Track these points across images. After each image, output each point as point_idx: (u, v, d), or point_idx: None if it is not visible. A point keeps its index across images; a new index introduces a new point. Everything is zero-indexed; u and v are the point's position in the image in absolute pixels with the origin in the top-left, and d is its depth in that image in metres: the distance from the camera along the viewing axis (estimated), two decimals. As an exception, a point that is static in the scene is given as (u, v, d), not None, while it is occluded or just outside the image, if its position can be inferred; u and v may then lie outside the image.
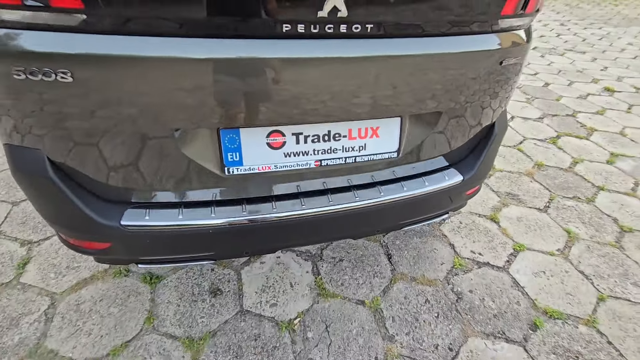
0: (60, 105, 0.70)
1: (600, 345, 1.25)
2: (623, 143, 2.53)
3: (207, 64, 0.69)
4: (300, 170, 0.91)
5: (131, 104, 0.71)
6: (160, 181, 0.83)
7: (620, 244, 1.68)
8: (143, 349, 1.16)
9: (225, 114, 0.76)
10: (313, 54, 0.73)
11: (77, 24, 0.63)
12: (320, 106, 0.80)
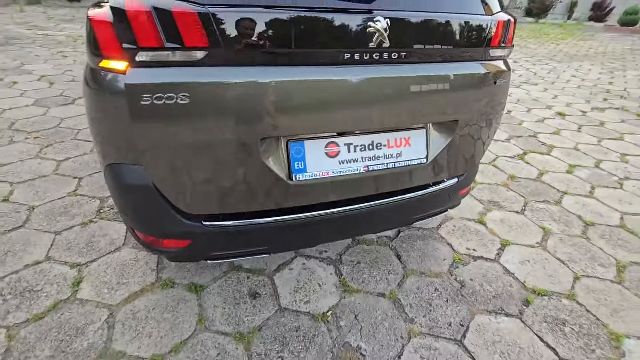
0: (171, 123, 0.93)
1: (580, 313, 1.52)
2: (577, 156, 2.98)
3: (290, 85, 0.96)
4: (352, 175, 1.14)
5: (231, 116, 0.94)
6: (239, 186, 1.06)
7: (586, 235, 2.01)
8: (200, 345, 1.32)
9: (295, 127, 1.02)
10: (363, 76, 1.03)
11: (200, 58, 0.89)
12: (366, 119, 1.08)
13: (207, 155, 0.99)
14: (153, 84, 0.88)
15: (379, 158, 1.18)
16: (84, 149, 2.64)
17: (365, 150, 1.15)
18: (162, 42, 0.84)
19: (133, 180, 1.03)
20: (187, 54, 0.88)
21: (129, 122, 0.92)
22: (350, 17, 0.96)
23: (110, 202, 2.07)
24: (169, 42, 0.85)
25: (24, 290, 1.48)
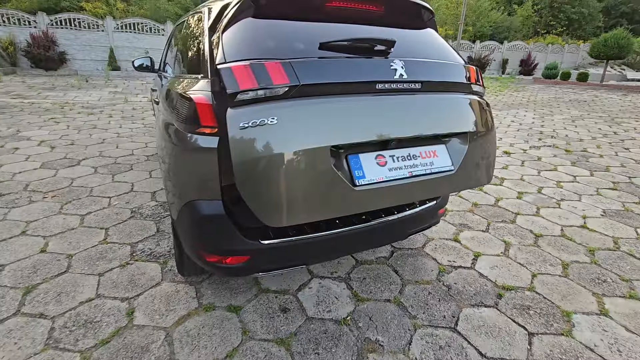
0: (259, 145, 1.17)
1: (539, 300, 1.96)
2: (524, 185, 3.64)
3: (346, 107, 1.30)
4: (400, 180, 1.39)
5: (310, 131, 1.22)
6: (317, 194, 1.25)
7: (537, 244, 2.53)
8: (249, 350, 1.60)
9: (352, 139, 1.30)
10: (393, 101, 1.38)
11: (284, 92, 1.22)
12: (400, 133, 1.41)
13: (292, 171, 1.20)
14: (252, 110, 1.20)
15: (417, 166, 1.45)
16: (102, 204, 2.90)
17: (405, 160, 1.43)
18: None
19: (210, 211, 1.40)
20: (273, 90, 1.21)
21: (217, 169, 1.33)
22: (378, 61, 1.41)
23: (140, 246, 2.34)
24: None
25: (85, 322, 1.70)
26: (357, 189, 1.30)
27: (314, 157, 1.21)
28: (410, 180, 1.43)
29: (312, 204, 1.26)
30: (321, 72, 1.29)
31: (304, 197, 1.24)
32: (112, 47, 12.41)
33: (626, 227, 2.80)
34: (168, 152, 1.58)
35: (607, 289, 2.07)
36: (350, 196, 1.29)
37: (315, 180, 1.23)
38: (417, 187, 1.45)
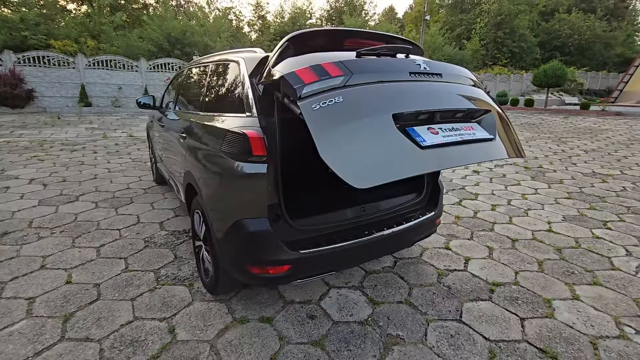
0: (333, 117, 1.33)
1: (524, 292, 2.32)
2: (495, 199, 4.13)
3: (396, 89, 1.52)
4: (454, 142, 1.54)
5: (371, 105, 1.42)
6: (392, 153, 1.38)
7: (514, 247, 2.94)
8: (289, 352, 1.79)
9: (407, 112, 1.49)
10: (427, 85, 1.64)
11: (340, 82, 1.48)
12: (440, 108, 1.61)
13: (366, 135, 1.36)
14: None
15: (464, 135, 1.62)
16: (113, 236, 2.99)
17: (452, 131, 1.60)
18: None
19: (258, 227, 1.64)
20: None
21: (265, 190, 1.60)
22: (405, 59, 1.75)
23: (163, 272, 2.47)
24: None
25: (131, 342, 1.82)
26: (424, 149, 1.43)
27: (381, 123, 1.38)
28: (463, 144, 1.58)
29: (389, 163, 1.37)
30: (365, 66, 1.55)
31: (382, 157, 1.36)
32: (84, 84, 12.31)
33: (583, 229, 3.30)
34: (213, 178, 1.82)
35: (576, 279, 2.47)
36: (420, 155, 1.41)
37: (386, 142, 1.37)
38: (472, 149, 1.60)
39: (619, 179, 4.98)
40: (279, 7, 35.51)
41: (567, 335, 1.92)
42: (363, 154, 1.34)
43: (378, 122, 1.39)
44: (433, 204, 2.35)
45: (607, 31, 32.10)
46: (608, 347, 1.85)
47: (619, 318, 2.07)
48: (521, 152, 1.84)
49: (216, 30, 17.29)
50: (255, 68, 1.82)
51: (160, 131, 3.43)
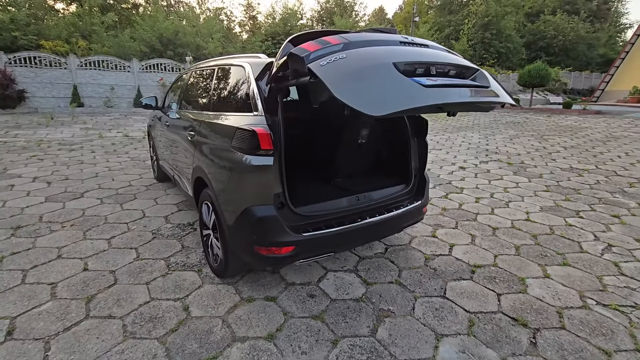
0: (341, 69, 1.46)
1: (501, 272, 2.59)
2: (479, 192, 4.42)
3: (392, 49, 1.72)
4: (454, 84, 1.65)
5: (373, 58, 1.56)
6: (400, 90, 1.48)
7: (495, 235, 3.21)
8: (293, 325, 2.01)
9: (406, 62, 1.57)
10: (417, 49, 1.78)
11: (340, 48, 1.62)
12: (431, 61, 1.68)
13: (374, 79, 1.46)
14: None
15: (462, 82, 1.76)
16: (122, 229, 3.17)
17: (450, 80, 1.73)
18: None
19: (266, 213, 1.87)
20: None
21: (271, 180, 1.82)
22: (395, 35, 1.92)
23: (172, 260, 2.66)
24: None
25: (150, 318, 2.02)
26: (427, 88, 1.54)
27: (384, 68, 1.50)
28: (463, 87, 1.70)
29: (399, 96, 1.47)
30: (362, 36, 1.75)
31: (391, 92, 1.47)
32: (76, 85, 12.29)
33: (558, 218, 3.60)
34: (224, 171, 2.03)
35: (548, 261, 2.75)
36: (425, 91, 1.51)
37: (392, 82, 1.48)
38: (471, 92, 1.71)
39: (594, 173, 5.33)
40: (270, 7, 35.63)
41: (537, 307, 2.19)
42: (374, 90, 1.44)
43: (381, 68, 1.50)
44: (420, 194, 2.60)
45: (590, 32, 33.05)
46: (571, 315, 2.12)
47: (583, 292, 2.34)
48: (512, 99, 1.93)
49: (208, 31, 17.37)
50: (261, 72, 2.04)
51: (164, 130, 3.62)
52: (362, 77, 1.45)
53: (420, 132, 2.60)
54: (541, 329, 2.00)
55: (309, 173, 2.72)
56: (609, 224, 3.42)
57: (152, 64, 13.96)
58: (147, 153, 6.47)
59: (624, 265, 2.66)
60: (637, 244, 3.00)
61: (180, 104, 3.32)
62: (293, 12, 24.25)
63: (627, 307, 2.18)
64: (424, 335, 1.94)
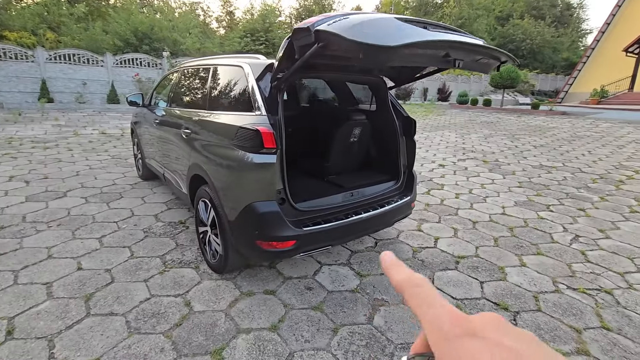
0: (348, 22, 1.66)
1: (483, 262, 2.79)
2: (458, 188, 4.66)
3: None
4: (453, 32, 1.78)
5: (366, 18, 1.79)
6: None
7: (475, 228, 3.43)
8: (294, 315, 2.11)
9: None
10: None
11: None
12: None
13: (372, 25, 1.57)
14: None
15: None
16: (112, 228, 3.13)
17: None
18: None
19: (268, 209, 1.94)
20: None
21: (274, 177, 1.90)
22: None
23: (168, 257, 2.68)
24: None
25: (153, 314, 2.05)
26: (430, 30, 1.65)
27: (388, 18, 1.59)
28: (462, 36, 1.79)
29: (407, 33, 1.52)
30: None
31: (398, 30, 1.52)
32: (45, 79, 11.70)
33: (531, 212, 3.88)
34: (226, 169, 2.09)
35: (524, 251, 2.98)
36: (429, 33, 1.60)
37: (398, 27, 1.54)
38: (470, 38, 1.78)
39: (561, 170, 5.72)
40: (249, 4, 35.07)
41: (516, 293, 2.39)
42: (382, 31, 1.47)
43: (385, 18, 1.57)
44: (409, 190, 2.75)
45: (555, 37, 34.88)
46: (546, 299, 2.33)
47: (555, 278, 2.58)
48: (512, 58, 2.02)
49: (185, 26, 16.96)
50: (262, 72, 2.11)
51: (153, 128, 3.58)
52: (369, 25, 1.48)
53: (408, 131, 2.75)
54: (520, 311, 2.20)
55: (303, 170, 2.81)
56: (575, 217, 3.73)
57: (127, 58, 13.49)
58: (128, 151, 6.32)
59: (590, 254, 2.94)
60: (601, 234, 3.30)
61: (171, 102, 3.31)
62: (272, 9, 24.08)
63: (593, 290, 2.43)
64: (416, 321, 2.09)
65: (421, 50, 1.58)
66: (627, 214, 3.82)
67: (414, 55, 1.61)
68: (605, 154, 6.93)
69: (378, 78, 2.70)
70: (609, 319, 2.13)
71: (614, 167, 5.93)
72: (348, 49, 1.45)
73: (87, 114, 10.87)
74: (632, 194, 4.48)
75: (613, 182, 5.04)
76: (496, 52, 1.84)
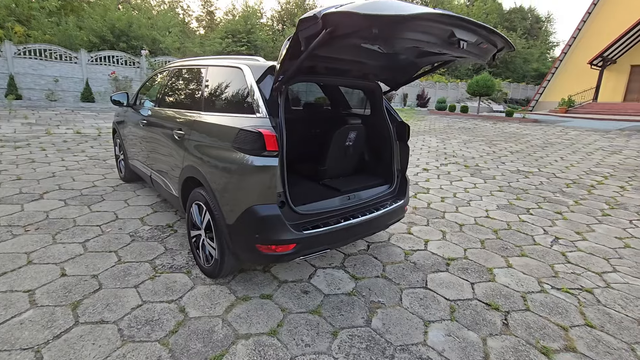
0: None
1: (472, 263, 2.87)
2: (443, 192, 4.79)
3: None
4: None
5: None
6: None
7: (462, 231, 3.53)
8: (292, 320, 2.09)
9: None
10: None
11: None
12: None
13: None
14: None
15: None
16: (95, 232, 3.00)
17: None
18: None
19: (269, 212, 1.93)
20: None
21: (275, 180, 1.88)
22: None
23: (158, 262, 2.60)
24: None
25: (147, 321, 1.98)
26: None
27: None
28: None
29: (415, 6, 1.52)
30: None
31: (407, 4, 1.49)
32: (12, 75, 11.06)
33: (513, 214, 4.04)
34: (225, 171, 2.05)
35: (509, 253, 3.10)
36: (435, 9, 1.61)
37: (405, 4, 1.51)
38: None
39: (537, 175, 6.00)
40: (231, 4, 34.67)
41: (505, 293, 2.48)
42: (393, 4, 1.47)
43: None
44: (402, 194, 2.80)
45: (526, 48, 36.62)
46: (533, 299, 2.43)
47: (540, 279, 2.69)
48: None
49: (165, 24, 16.54)
50: (262, 74, 2.10)
51: (138, 129, 3.47)
52: (378, 2, 1.48)
53: (402, 136, 2.80)
54: (510, 311, 2.28)
55: (298, 173, 2.80)
56: (554, 220, 3.92)
57: (102, 55, 12.98)
58: (107, 152, 6.08)
59: (570, 255, 3.09)
60: (578, 236, 3.48)
61: (160, 102, 3.21)
62: (254, 11, 23.92)
63: (576, 290, 2.55)
64: (413, 323, 2.12)
65: (431, 23, 1.58)
66: (600, 217, 4.05)
67: (424, 30, 1.61)
68: (576, 160, 7.32)
69: (374, 83, 2.74)
70: (591, 317, 2.24)
71: (585, 172, 6.27)
72: (361, 25, 1.44)
73: (59, 112, 10.36)
74: (603, 198, 4.76)
75: (585, 186, 5.34)
76: (496, 35, 1.87)
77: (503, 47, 2.01)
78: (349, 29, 1.53)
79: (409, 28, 1.56)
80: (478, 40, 1.84)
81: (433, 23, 1.59)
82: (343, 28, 1.52)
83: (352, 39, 1.63)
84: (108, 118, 10.13)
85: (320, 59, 2.19)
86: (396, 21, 1.43)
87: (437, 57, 2.26)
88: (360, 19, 1.42)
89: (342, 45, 2.08)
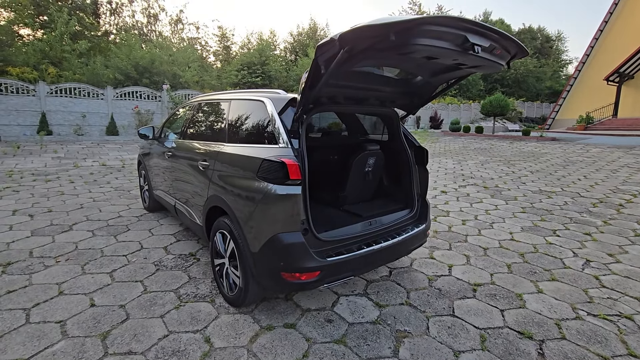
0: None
1: (500, 289, 2.77)
2: (464, 215, 4.71)
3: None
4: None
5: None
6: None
7: (486, 254, 3.43)
8: (318, 350, 2.05)
9: None
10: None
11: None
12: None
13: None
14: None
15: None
16: (121, 262, 3.08)
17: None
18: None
19: (294, 240, 1.95)
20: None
21: (299, 208, 1.92)
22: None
23: (182, 291, 2.63)
24: None
25: (173, 352, 1.98)
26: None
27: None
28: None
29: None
30: None
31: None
32: (44, 112, 11.81)
33: (538, 237, 3.91)
34: (249, 200, 2.11)
35: (538, 277, 2.99)
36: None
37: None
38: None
39: (561, 195, 5.83)
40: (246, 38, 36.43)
41: (538, 320, 2.38)
42: (406, 15, 1.59)
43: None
44: (423, 218, 2.78)
45: (538, 67, 36.64)
46: (569, 326, 2.31)
47: (574, 304, 2.57)
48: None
49: (185, 60, 17.49)
50: (284, 106, 2.19)
51: (164, 160, 3.61)
52: (391, 17, 1.53)
53: (421, 159, 2.82)
54: (545, 340, 2.17)
55: (318, 200, 2.84)
56: (583, 241, 3.77)
57: (127, 91, 13.76)
58: (131, 183, 6.31)
59: (604, 278, 2.95)
60: (611, 259, 3.33)
61: (184, 135, 3.36)
62: (267, 44, 25.05)
63: (614, 316, 2.42)
64: (443, 353, 2.05)
65: (444, 28, 1.63)
66: (633, 237, 3.88)
67: (438, 36, 1.65)
68: (600, 179, 7.10)
69: (390, 109, 2.80)
70: (634, 346, 2.11)
71: (611, 191, 6.07)
72: (378, 34, 1.51)
73: (85, 146, 10.89)
74: (634, 218, 4.56)
75: (613, 206, 5.15)
76: (509, 40, 1.89)
77: (517, 52, 2.04)
78: (366, 43, 1.60)
79: (423, 33, 1.61)
80: (492, 45, 1.86)
81: (446, 28, 1.64)
82: (361, 43, 1.60)
83: (369, 53, 1.69)
84: (131, 150, 10.57)
85: (339, 87, 2.28)
86: (411, 26, 1.51)
87: (452, 73, 2.31)
88: (376, 29, 1.50)
89: (359, 72, 2.17)
